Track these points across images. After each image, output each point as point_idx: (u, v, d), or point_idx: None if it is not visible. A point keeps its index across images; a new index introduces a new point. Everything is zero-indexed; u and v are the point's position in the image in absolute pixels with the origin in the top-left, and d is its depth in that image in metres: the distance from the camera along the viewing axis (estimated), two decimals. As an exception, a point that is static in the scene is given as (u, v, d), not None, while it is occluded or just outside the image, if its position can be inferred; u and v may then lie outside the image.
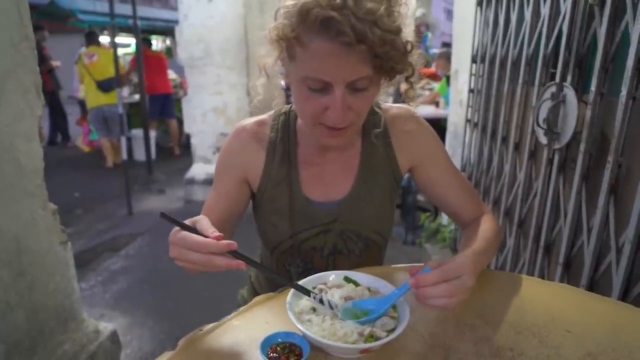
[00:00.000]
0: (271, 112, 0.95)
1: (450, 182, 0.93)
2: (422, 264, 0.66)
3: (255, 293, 1.04)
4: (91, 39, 5.08)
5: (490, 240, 0.81)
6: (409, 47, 0.70)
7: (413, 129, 0.92)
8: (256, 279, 1.09)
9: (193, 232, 0.64)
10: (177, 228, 0.66)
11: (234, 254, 0.64)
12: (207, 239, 0.63)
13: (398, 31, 0.67)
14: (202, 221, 0.66)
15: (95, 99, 4.93)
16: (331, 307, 0.64)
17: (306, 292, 0.66)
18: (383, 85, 0.78)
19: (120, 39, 6.39)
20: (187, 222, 0.67)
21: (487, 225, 0.86)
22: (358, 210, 0.90)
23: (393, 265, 0.89)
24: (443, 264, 0.64)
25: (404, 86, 0.80)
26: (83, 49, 5.09)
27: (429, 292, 0.61)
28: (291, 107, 0.93)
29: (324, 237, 0.91)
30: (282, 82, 0.82)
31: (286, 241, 0.91)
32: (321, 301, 0.64)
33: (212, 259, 0.62)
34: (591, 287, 1.30)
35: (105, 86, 4.87)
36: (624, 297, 1.14)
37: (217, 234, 0.63)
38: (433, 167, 0.93)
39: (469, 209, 0.93)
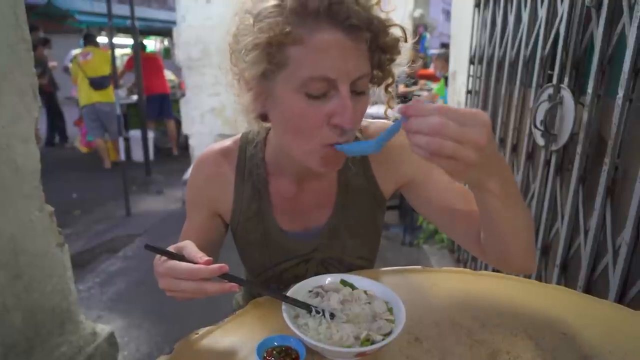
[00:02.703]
0: (237, 138, 0.89)
1: (452, 194, 0.80)
2: None
3: (249, 298, 1.03)
4: (89, 40, 5.11)
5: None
6: (402, 36, 0.68)
7: (395, 146, 0.78)
8: None
9: (180, 260, 0.62)
10: (162, 257, 0.63)
11: (226, 276, 0.62)
12: (197, 265, 0.61)
13: (391, 20, 0.67)
14: (189, 247, 0.64)
15: (88, 96, 4.93)
16: (332, 317, 0.63)
17: (307, 307, 0.65)
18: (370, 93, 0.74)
19: (118, 39, 6.38)
20: (172, 248, 0.65)
21: None
22: (338, 239, 0.86)
23: (390, 268, 0.89)
24: None
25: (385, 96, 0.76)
26: (78, 50, 5.10)
27: (413, 124, 0.50)
28: (258, 133, 0.85)
29: (305, 266, 0.87)
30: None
31: (267, 271, 0.89)
32: (323, 315, 0.63)
33: (204, 286, 0.60)
34: (588, 288, 1.30)
35: (97, 83, 4.86)
36: (620, 298, 1.15)
37: (207, 258, 0.61)
38: (426, 181, 0.82)
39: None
